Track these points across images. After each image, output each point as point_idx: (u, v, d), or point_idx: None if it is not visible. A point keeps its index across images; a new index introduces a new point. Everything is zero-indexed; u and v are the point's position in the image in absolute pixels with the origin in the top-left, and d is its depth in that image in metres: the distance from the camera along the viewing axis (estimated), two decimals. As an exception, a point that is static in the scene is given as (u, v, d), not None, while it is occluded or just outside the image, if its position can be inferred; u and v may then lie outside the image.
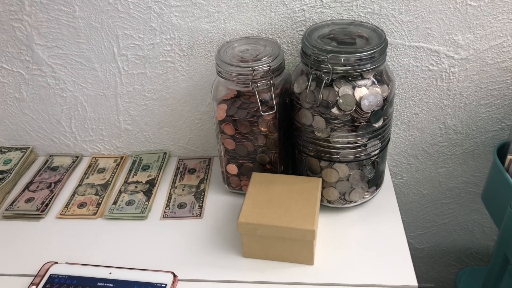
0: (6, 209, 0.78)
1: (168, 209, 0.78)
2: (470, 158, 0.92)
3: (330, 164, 0.70)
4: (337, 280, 0.64)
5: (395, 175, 0.95)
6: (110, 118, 0.88)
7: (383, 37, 0.65)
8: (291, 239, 0.64)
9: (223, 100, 0.71)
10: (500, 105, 0.84)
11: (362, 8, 0.74)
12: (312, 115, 0.67)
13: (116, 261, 0.68)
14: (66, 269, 0.66)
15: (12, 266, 0.68)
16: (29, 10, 0.78)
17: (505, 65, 0.79)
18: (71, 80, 0.85)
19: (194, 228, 0.74)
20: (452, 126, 0.87)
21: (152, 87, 0.84)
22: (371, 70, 0.64)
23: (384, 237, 0.70)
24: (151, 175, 0.86)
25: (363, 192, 0.74)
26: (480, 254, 1.09)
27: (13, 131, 0.92)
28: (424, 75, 0.81)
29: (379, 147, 0.70)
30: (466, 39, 0.77)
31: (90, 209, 0.78)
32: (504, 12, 0.74)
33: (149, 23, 0.77)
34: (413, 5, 0.74)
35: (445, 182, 0.96)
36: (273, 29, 0.77)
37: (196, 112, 0.87)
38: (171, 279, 0.64)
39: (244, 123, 0.71)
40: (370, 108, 0.65)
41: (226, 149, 0.75)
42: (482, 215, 1.01)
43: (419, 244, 1.08)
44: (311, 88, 0.65)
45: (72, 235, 0.74)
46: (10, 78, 0.85)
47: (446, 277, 1.14)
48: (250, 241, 0.66)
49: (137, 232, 0.74)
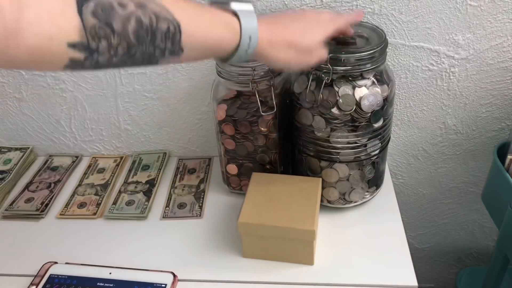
0: (6, 209, 0.78)
1: (168, 209, 0.78)
2: (470, 158, 0.92)
3: (330, 164, 0.70)
4: (337, 280, 0.64)
5: (395, 175, 0.95)
6: (110, 118, 0.88)
7: (383, 37, 0.65)
8: (291, 239, 0.64)
9: (223, 100, 0.71)
10: (500, 105, 0.84)
11: (362, 8, 0.74)
12: (312, 115, 0.67)
13: (116, 261, 0.67)
14: (66, 269, 0.66)
15: (12, 266, 0.68)
16: (29, 10, 0.77)
17: (505, 65, 0.79)
18: (71, 80, 0.85)
19: (194, 228, 0.74)
20: (452, 126, 0.87)
21: (152, 87, 0.84)
22: (371, 70, 0.64)
23: (384, 237, 0.70)
24: (151, 175, 0.86)
25: (363, 192, 0.74)
26: (480, 254, 1.09)
27: (13, 131, 0.92)
28: (424, 75, 0.81)
29: (379, 147, 0.70)
30: (466, 39, 0.77)
31: (90, 209, 0.78)
32: (504, 12, 0.74)
33: (149, 23, 0.77)
34: (413, 5, 0.74)
35: (445, 182, 0.96)
36: (273, 29, 0.77)
37: (196, 112, 0.87)
38: (171, 279, 0.64)
39: (244, 123, 0.71)
40: (370, 108, 0.65)
41: (226, 149, 0.75)
42: (482, 215, 1.00)
43: (419, 244, 1.07)
44: (311, 88, 0.65)
45: (72, 235, 0.74)
46: (10, 78, 0.85)
47: (446, 277, 1.14)
48: (250, 241, 0.66)
49: (137, 232, 0.74)
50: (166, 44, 0.43)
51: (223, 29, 0.48)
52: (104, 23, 0.38)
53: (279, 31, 0.53)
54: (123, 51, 0.41)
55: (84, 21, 0.38)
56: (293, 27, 0.55)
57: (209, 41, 0.46)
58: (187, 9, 0.45)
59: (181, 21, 0.43)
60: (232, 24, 0.48)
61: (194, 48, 0.45)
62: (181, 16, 0.43)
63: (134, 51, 0.41)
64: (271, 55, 0.52)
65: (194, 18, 0.45)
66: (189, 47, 0.45)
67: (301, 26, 0.56)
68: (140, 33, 0.41)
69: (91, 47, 0.39)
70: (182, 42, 0.44)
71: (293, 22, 0.56)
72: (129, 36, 0.40)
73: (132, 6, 0.40)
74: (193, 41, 0.45)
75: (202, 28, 0.46)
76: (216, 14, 0.48)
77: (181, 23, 0.43)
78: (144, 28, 0.41)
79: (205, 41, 0.46)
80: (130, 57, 0.41)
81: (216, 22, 0.47)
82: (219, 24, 0.47)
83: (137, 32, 0.40)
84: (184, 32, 0.44)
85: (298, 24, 0.56)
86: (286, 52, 0.53)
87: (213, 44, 0.47)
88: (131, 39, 0.40)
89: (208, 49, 0.47)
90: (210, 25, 0.47)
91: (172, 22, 0.42)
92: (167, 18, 0.42)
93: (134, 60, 0.42)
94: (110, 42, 0.39)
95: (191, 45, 0.45)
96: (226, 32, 0.48)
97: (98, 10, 0.38)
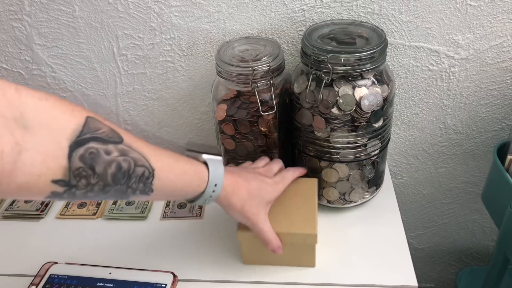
0: (6, 209, 0.78)
1: (168, 209, 0.78)
2: (470, 158, 0.92)
3: (330, 164, 0.70)
4: (337, 280, 0.64)
5: (395, 175, 0.95)
6: (110, 118, 0.88)
7: (383, 37, 0.65)
8: (293, 244, 0.63)
9: (223, 100, 0.71)
10: (500, 105, 0.84)
11: (362, 8, 0.74)
12: (312, 115, 0.67)
13: (116, 261, 0.67)
14: (66, 269, 0.66)
15: (12, 266, 0.68)
16: (28, 10, 0.78)
17: (505, 65, 0.79)
18: (71, 80, 0.85)
19: (194, 228, 0.74)
20: (452, 126, 0.87)
21: (152, 87, 0.84)
22: (371, 70, 0.64)
23: (384, 237, 0.70)
24: (151, 175, 0.85)
25: (363, 192, 0.74)
26: (480, 254, 1.09)
27: (13, 131, 0.92)
28: (424, 75, 0.81)
29: (379, 147, 0.70)
30: (466, 39, 0.77)
31: (90, 209, 0.78)
32: (504, 12, 0.74)
33: (149, 23, 0.77)
34: (413, 5, 0.74)
35: (445, 182, 0.96)
36: (273, 29, 0.77)
37: (196, 112, 0.87)
38: (171, 279, 0.64)
39: (244, 123, 0.71)
40: (370, 108, 0.65)
41: (226, 149, 0.75)
42: (482, 215, 1.01)
43: (419, 244, 1.08)
44: (311, 88, 0.65)
45: (72, 235, 0.74)
46: (9, 78, 0.85)
47: (446, 277, 1.14)
48: (250, 249, 0.65)
49: (137, 232, 0.74)
50: (138, 185, 0.48)
51: (192, 175, 0.54)
52: (89, 166, 0.43)
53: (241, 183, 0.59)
54: (99, 188, 0.45)
55: (71, 163, 0.42)
56: (253, 182, 0.61)
57: (178, 185, 0.52)
58: (163, 157, 0.51)
59: (156, 167, 0.49)
60: (201, 172, 0.55)
61: (164, 190, 0.51)
62: (157, 163, 0.49)
63: (109, 189, 0.46)
64: (232, 202, 0.58)
65: (168, 165, 0.51)
66: (160, 189, 0.50)
67: (258, 184, 0.61)
68: (118, 176, 0.45)
69: (71, 184, 0.43)
70: (153, 185, 0.49)
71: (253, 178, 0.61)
72: (107, 177, 0.45)
73: (116, 153, 0.45)
74: (164, 184, 0.50)
75: (173, 174, 0.51)
76: (188, 162, 0.54)
77: (156, 168, 0.49)
78: (121, 172, 0.46)
79: (174, 185, 0.52)
80: (104, 193, 0.46)
81: (187, 169, 0.53)
82: (190, 171, 0.54)
83: (115, 175, 0.45)
84: (157, 177, 0.49)
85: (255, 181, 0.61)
86: (246, 202, 0.59)
87: (182, 188, 0.53)
88: (108, 180, 0.45)
89: (177, 191, 0.53)
90: (181, 172, 0.52)
91: (148, 168, 0.48)
92: (144, 165, 0.48)
93: (107, 195, 0.47)
94: (89, 181, 0.44)
95: (162, 187, 0.50)
96: (195, 179, 0.54)
97: (86, 155, 0.43)
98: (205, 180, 0.55)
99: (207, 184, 0.55)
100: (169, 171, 0.51)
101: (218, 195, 0.56)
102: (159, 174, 0.49)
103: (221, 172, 0.56)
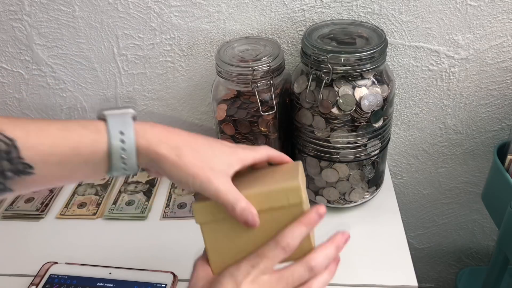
0: (6, 209, 0.78)
1: (168, 209, 0.78)
2: (470, 158, 0.92)
3: (330, 164, 0.70)
4: (337, 280, 0.64)
5: (395, 175, 0.95)
6: (110, 118, 0.88)
7: (383, 37, 0.65)
8: (273, 215, 0.45)
9: (223, 100, 0.71)
10: (500, 105, 0.84)
11: (362, 8, 0.74)
12: (312, 115, 0.67)
13: (116, 261, 0.67)
14: (66, 269, 0.66)
15: (12, 266, 0.68)
16: (28, 10, 0.78)
17: (505, 65, 0.79)
18: (71, 80, 0.85)
19: (194, 228, 0.74)
20: (452, 126, 0.87)
21: (152, 87, 0.84)
22: (371, 70, 0.64)
23: (384, 237, 0.70)
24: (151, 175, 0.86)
25: (363, 192, 0.74)
26: (480, 254, 1.09)
27: (13, 131, 0.92)
28: (424, 75, 0.81)
29: (379, 147, 0.70)
30: (466, 39, 0.77)
31: (90, 209, 0.78)
32: (504, 12, 0.74)
33: (149, 23, 0.77)
34: (413, 5, 0.74)
35: (445, 182, 0.96)
36: (273, 29, 0.77)
37: (196, 112, 0.87)
38: (171, 279, 0.64)
39: (244, 123, 0.71)
40: (370, 108, 0.65)
41: (226, 149, 0.75)
42: (482, 215, 1.00)
43: (419, 244, 1.07)
44: (311, 88, 0.65)
45: (72, 235, 0.74)
46: (10, 78, 0.85)
47: (446, 277, 1.14)
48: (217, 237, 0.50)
49: (137, 232, 0.74)
50: (2, 164, 0.40)
51: (80, 130, 0.43)
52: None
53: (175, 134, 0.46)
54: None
55: None
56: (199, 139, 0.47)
57: (64, 149, 0.42)
58: (29, 124, 0.42)
59: (15, 136, 0.40)
60: (95, 125, 0.44)
61: (47, 160, 0.41)
62: (16, 132, 0.41)
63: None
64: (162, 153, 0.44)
65: (38, 130, 0.42)
66: (39, 160, 0.41)
67: (207, 141, 0.47)
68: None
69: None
70: (24, 158, 0.40)
71: (200, 137, 0.47)
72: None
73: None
74: (39, 153, 0.41)
75: (48, 137, 0.42)
76: (71, 121, 0.45)
77: (16, 138, 0.40)
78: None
79: (58, 150, 0.42)
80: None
81: (69, 127, 0.43)
82: (74, 127, 0.43)
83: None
84: (23, 147, 0.40)
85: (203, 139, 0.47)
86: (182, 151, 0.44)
87: (72, 150, 0.42)
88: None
89: (68, 156, 0.42)
90: (61, 133, 0.42)
91: (2, 140, 0.40)
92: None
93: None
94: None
95: (41, 157, 0.41)
96: (86, 133, 0.43)
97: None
98: (101, 130, 0.44)
99: (107, 134, 0.43)
100: (40, 136, 0.41)
101: (136, 145, 0.44)
102: (24, 143, 0.40)
103: (129, 120, 0.45)
